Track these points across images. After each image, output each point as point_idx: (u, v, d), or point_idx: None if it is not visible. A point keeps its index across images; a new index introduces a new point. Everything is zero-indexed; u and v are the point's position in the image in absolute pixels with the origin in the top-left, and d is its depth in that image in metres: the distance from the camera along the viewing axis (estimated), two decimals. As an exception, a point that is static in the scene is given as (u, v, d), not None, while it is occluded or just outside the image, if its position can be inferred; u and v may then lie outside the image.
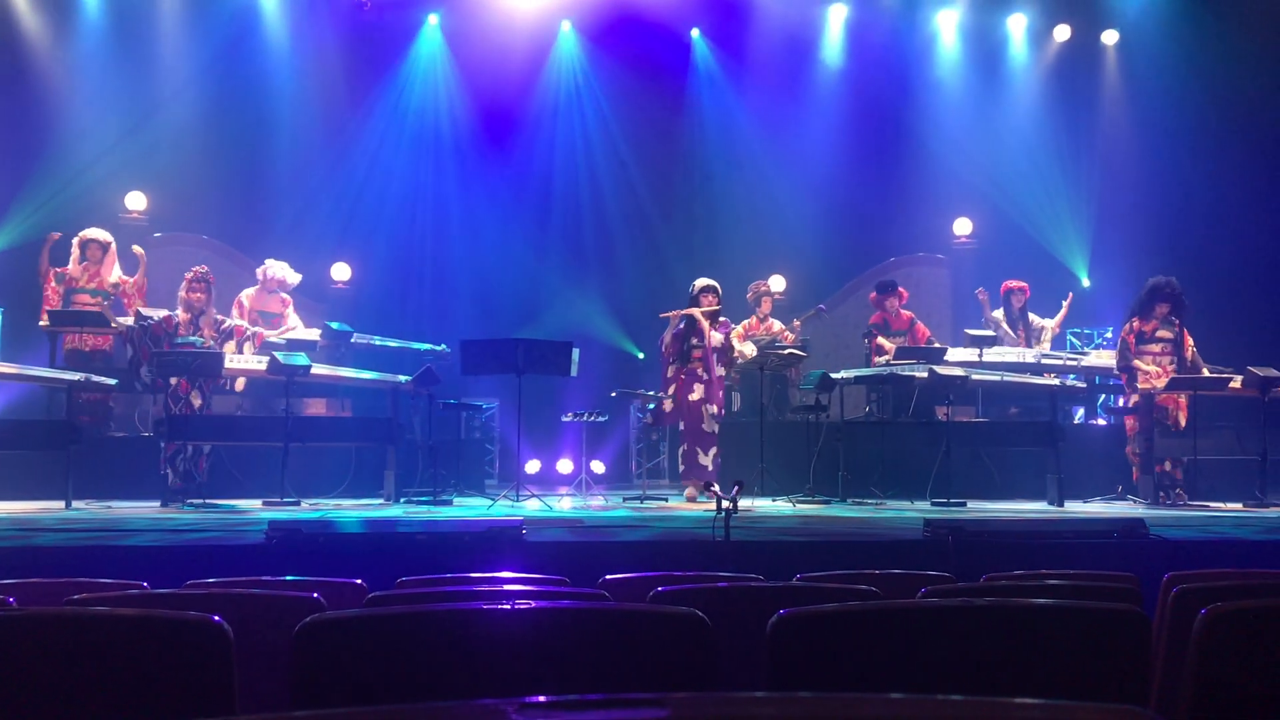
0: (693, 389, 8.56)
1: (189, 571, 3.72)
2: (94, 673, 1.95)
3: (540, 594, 2.97)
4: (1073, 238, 13.02)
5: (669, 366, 8.70)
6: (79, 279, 9.35)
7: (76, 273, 9.35)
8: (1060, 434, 8.65)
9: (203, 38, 11.83)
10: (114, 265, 9.48)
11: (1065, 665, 1.99)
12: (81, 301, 9.29)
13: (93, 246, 9.35)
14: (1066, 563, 4.64)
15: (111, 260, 9.46)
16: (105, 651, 1.96)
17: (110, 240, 9.48)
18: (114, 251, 9.49)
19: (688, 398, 8.55)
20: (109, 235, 9.51)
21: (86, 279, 9.36)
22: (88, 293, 9.33)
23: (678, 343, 8.63)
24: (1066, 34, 13.20)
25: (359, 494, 8.70)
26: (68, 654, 1.95)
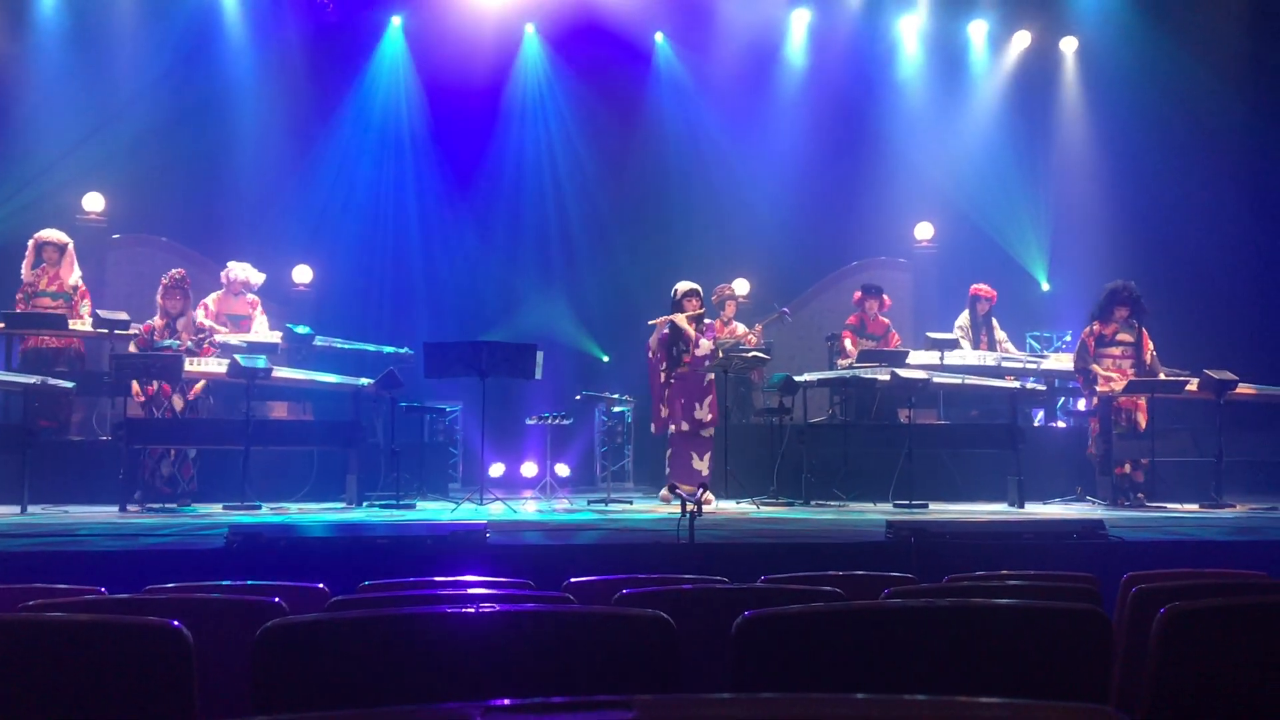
0: (683, 394, 8.55)
1: (148, 576, 3.67)
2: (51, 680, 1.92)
3: (504, 597, 2.96)
4: (1032, 242, 13.17)
5: (659, 373, 8.67)
6: (37, 282, 9.18)
7: (32, 277, 9.18)
8: (1020, 436, 8.74)
9: (163, 39, 11.68)
10: (73, 267, 9.32)
11: (1027, 664, 2.01)
12: (42, 305, 9.11)
13: (49, 249, 9.20)
14: (1027, 563, 4.69)
15: (70, 262, 9.31)
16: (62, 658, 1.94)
17: (68, 241, 9.32)
18: (71, 253, 9.33)
19: (679, 402, 8.54)
20: (66, 237, 9.35)
21: (45, 282, 9.20)
22: (48, 295, 9.17)
23: (665, 349, 8.62)
24: (1027, 40, 13.35)
25: (321, 498, 8.64)
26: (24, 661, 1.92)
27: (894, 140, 12.99)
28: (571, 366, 11.71)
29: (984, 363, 9.85)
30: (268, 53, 12.10)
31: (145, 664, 1.95)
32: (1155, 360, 8.99)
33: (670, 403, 8.60)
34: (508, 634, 1.97)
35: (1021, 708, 1.25)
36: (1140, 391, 8.77)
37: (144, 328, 8.15)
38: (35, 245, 9.19)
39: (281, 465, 8.92)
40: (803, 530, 6.48)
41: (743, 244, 12.39)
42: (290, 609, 2.57)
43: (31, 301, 9.11)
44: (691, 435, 8.54)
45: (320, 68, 12.32)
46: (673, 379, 8.61)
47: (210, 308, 9.47)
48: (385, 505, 8.10)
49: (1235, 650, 2.06)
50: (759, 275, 12.18)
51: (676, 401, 8.56)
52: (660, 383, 8.67)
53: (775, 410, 9.06)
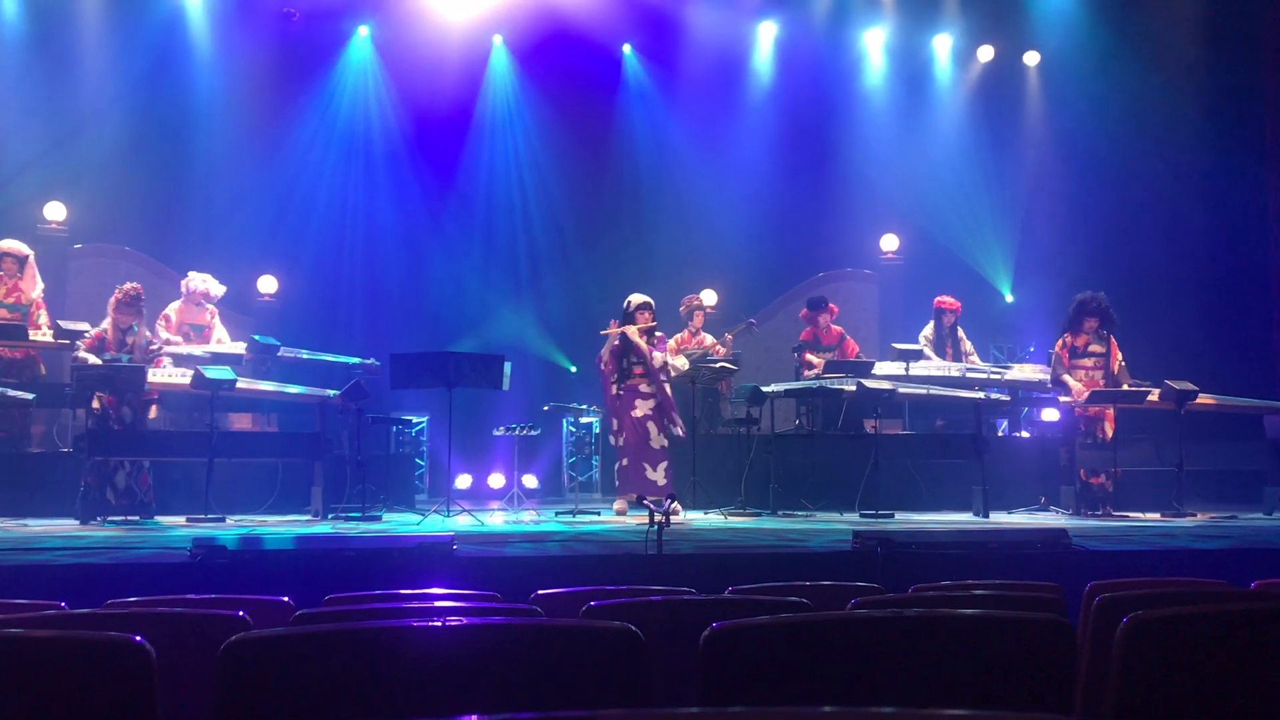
0: (634, 405, 8.52)
1: (109, 591, 3.62)
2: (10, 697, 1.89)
3: (471, 610, 2.95)
4: (997, 254, 13.29)
5: (610, 384, 8.65)
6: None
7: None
8: (985, 446, 8.81)
9: (129, 48, 11.59)
10: (35, 280, 9.18)
11: (992, 674, 2.02)
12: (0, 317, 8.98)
13: (8, 260, 9.05)
14: (992, 573, 4.72)
15: (32, 274, 9.16)
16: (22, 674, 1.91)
17: (28, 253, 9.19)
18: (33, 264, 9.19)
19: (631, 414, 8.51)
20: (26, 248, 9.21)
21: (4, 293, 9.06)
22: (5, 307, 9.02)
23: (615, 360, 8.60)
24: (990, 54, 13.50)
25: (286, 510, 8.56)
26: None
27: (860, 152, 13.08)
28: (539, 377, 11.69)
29: (949, 373, 9.92)
30: (233, 63, 12.02)
31: (107, 680, 1.92)
32: (1123, 371, 9.08)
33: (621, 415, 8.56)
34: (475, 648, 1.96)
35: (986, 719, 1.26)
36: (1103, 402, 8.86)
37: (95, 333, 8.04)
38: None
39: (246, 477, 8.83)
40: (770, 541, 6.49)
41: (710, 255, 12.43)
42: (255, 623, 2.54)
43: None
44: (643, 446, 8.47)
45: (286, 78, 12.24)
46: (622, 391, 8.58)
47: (172, 318, 9.37)
48: (351, 517, 8.03)
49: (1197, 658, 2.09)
50: (726, 286, 12.22)
51: (628, 413, 8.51)
52: (611, 394, 8.64)
53: (743, 421, 9.09)
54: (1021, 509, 9.13)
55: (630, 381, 8.55)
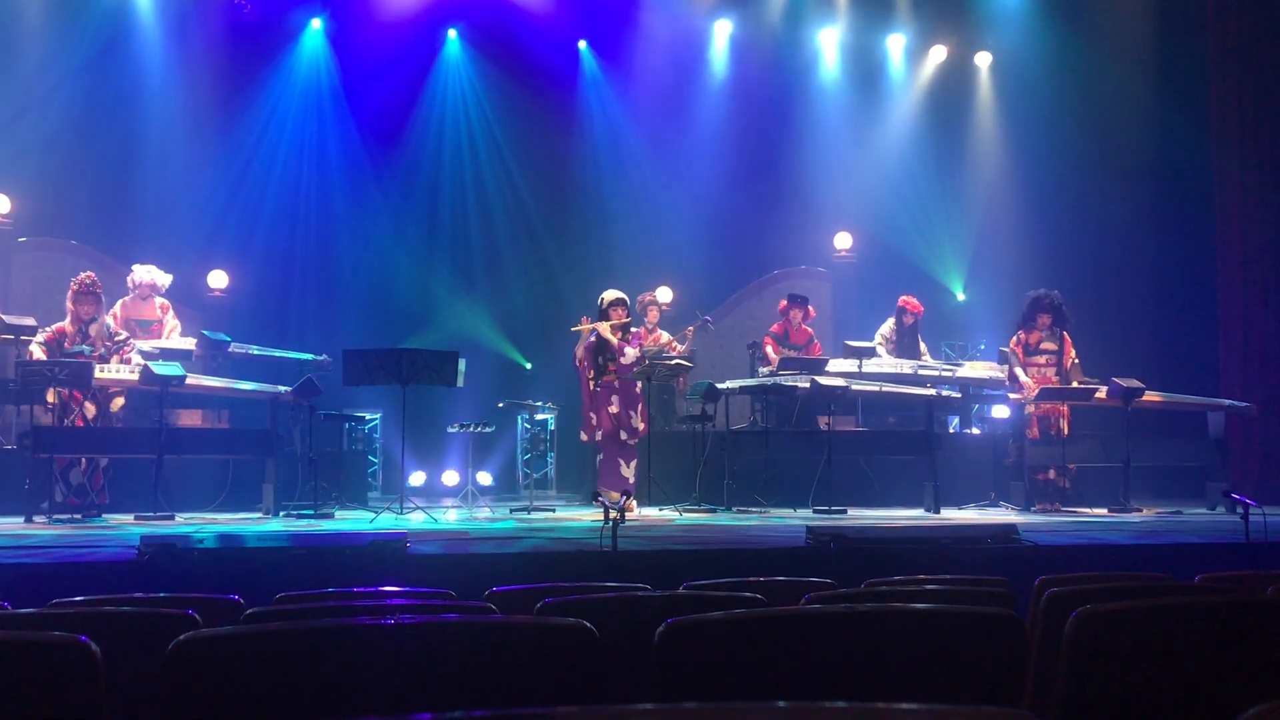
0: (610, 401, 8.53)
1: (54, 590, 3.56)
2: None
3: (424, 608, 2.93)
4: (949, 252, 13.42)
5: (588, 381, 8.64)
6: None
7: None
8: (936, 443, 8.89)
9: (73, 37, 11.36)
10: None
11: (943, 668, 2.04)
12: None
13: None
14: (943, 568, 4.77)
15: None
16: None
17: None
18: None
19: (607, 410, 8.51)
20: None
21: None
22: None
23: (591, 356, 8.59)
24: (943, 55, 13.62)
25: (236, 507, 8.46)
26: (-79, 679, 1.85)
27: (814, 150, 13.15)
28: (494, 374, 11.63)
29: (901, 370, 10.00)
30: (183, 51, 11.83)
31: (51, 681, 1.89)
32: (1075, 368, 9.21)
33: (598, 410, 8.58)
34: (428, 645, 1.95)
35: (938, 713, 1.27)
36: (1052, 399, 8.98)
37: (55, 329, 7.89)
38: None
39: (196, 474, 8.71)
40: (725, 536, 6.51)
41: (665, 252, 12.44)
42: (204, 622, 2.51)
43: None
44: (620, 443, 8.53)
45: (237, 68, 12.07)
46: (598, 387, 8.59)
47: (118, 314, 9.19)
48: (303, 515, 7.96)
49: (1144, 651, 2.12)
50: (682, 283, 12.23)
51: (604, 409, 8.54)
52: (589, 391, 8.66)
53: (697, 417, 9.11)
54: (972, 505, 9.23)
55: (606, 378, 8.56)
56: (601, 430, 8.55)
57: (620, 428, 8.48)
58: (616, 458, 8.53)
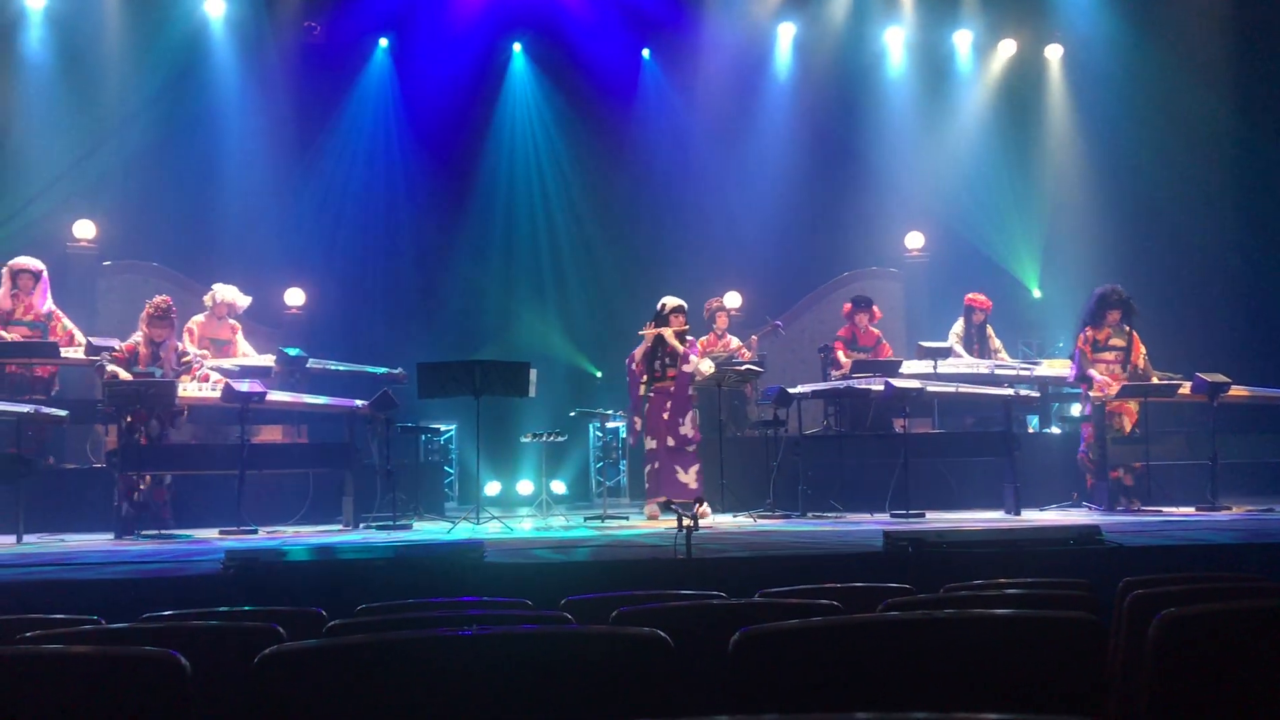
0: (664, 407, 8.55)
1: (144, 604, 3.65)
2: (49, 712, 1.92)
3: (502, 618, 2.96)
4: (1023, 249, 13.21)
5: (639, 385, 8.67)
6: (13, 311, 9.07)
7: (9, 305, 9.04)
8: (1015, 443, 8.75)
9: (151, 64, 11.70)
10: (46, 294, 9.21)
11: (1022, 674, 2.01)
12: (19, 334, 9.00)
13: (24, 276, 9.06)
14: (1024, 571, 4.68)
15: (43, 289, 9.19)
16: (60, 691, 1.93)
17: (41, 268, 9.18)
18: (45, 279, 9.23)
19: (661, 416, 8.53)
20: (39, 264, 9.21)
21: (21, 310, 9.11)
22: (25, 325, 9.07)
23: (646, 361, 8.62)
24: (1012, 49, 13.42)
25: (317, 520, 8.62)
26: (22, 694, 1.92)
27: (883, 150, 13.05)
28: (565, 383, 11.71)
29: (978, 370, 9.86)
30: (255, 76, 12.12)
31: (143, 694, 1.94)
32: (1147, 364, 9.01)
33: (650, 415, 8.58)
34: (506, 656, 1.97)
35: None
36: (1134, 396, 8.79)
37: (125, 347, 8.09)
38: (10, 273, 9.04)
39: (277, 489, 8.89)
40: (800, 543, 6.47)
41: (734, 257, 12.42)
42: (288, 634, 2.56)
43: (7, 329, 9.02)
44: (676, 450, 8.53)
45: (308, 90, 12.34)
46: (651, 393, 8.60)
47: (194, 331, 9.42)
48: (382, 527, 8.08)
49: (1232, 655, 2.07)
50: (751, 288, 12.20)
51: (658, 415, 8.54)
52: (639, 395, 8.67)
53: (769, 423, 9.06)
54: (1054, 505, 9.06)
55: (660, 384, 8.57)
56: (653, 437, 8.56)
57: (669, 434, 8.48)
58: (673, 465, 8.52)
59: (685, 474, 8.49)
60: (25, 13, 11.41)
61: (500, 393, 8.38)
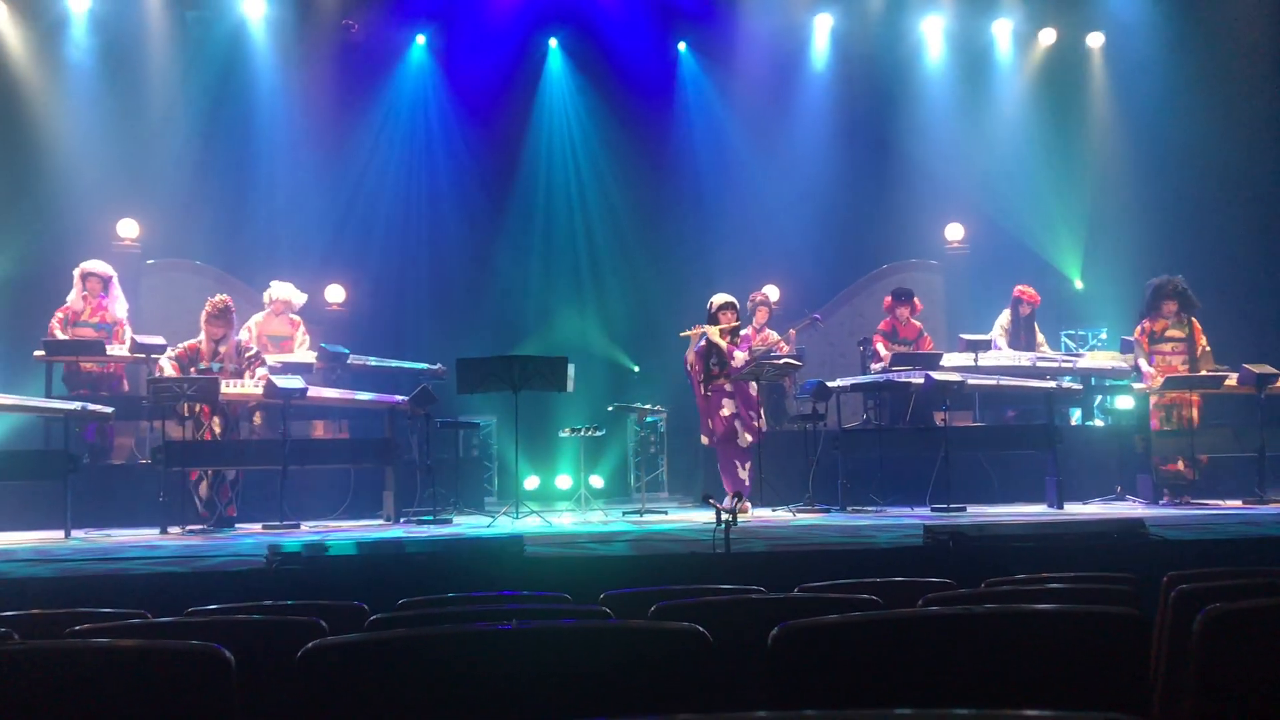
0: (722, 405, 8.56)
1: (190, 598, 3.71)
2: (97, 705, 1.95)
3: (541, 612, 2.98)
4: (1065, 240, 13.06)
5: (699, 385, 8.69)
6: (82, 312, 9.26)
7: (79, 306, 9.25)
8: (1058, 436, 8.66)
9: (192, 64, 11.83)
10: (119, 299, 9.39)
11: (1065, 671, 1.99)
12: (84, 335, 9.14)
13: (92, 280, 9.26)
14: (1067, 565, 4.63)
15: (115, 294, 9.38)
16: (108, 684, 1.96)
17: (111, 274, 9.37)
18: (116, 284, 9.41)
19: (719, 414, 8.55)
20: (109, 268, 9.40)
21: (89, 313, 9.28)
22: (90, 326, 9.23)
23: (702, 361, 8.64)
24: (1052, 38, 13.26)
25: (358, 515, 8.69)
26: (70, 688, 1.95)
27: (922, 141, 12.94)
28: (603, 378, 11.72)
29: (1019, 363, 9.77)
30: (294, 75, 12.22)
31: (189, 687, 1.97)
32: (1207, 355, 8.89)
33: (711, 414, 8.60)
34: (545, 650, 1.98)
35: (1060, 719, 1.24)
36: (1178, 388, 8.68)
37: (187, 346, 8.19)
38: (80, 275, 9.27)
39: (319, 484, 8.99)
40: (839, 537, 6.45)
41: (772, 250, 12.37)
42: (330, 628, 2.59)
43: (71, 329, 9.19)
44: (732, 443, 8.54)
45: (347, 88, 12.42)
46: (709, 391, 8.62)
47: (254, 330, 9.56)
48: (422, 521, 8.15)
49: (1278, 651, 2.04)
50: (789, 281, 12.15)
51: (717, 413, 8.56)
52: (701, 394, 8.70)
53: (809, 416, 9.04)
54: (1097, 499, 8.97)
55: (716, 382, 8.58)
56: (716, 434, 8.58)
57: (745, 429, 8.49)
58: (733, 460, 8.54)
59: (743, 470, 8.52)
60: (69, 16, 11.57)
61: (538, 387, 8.41)
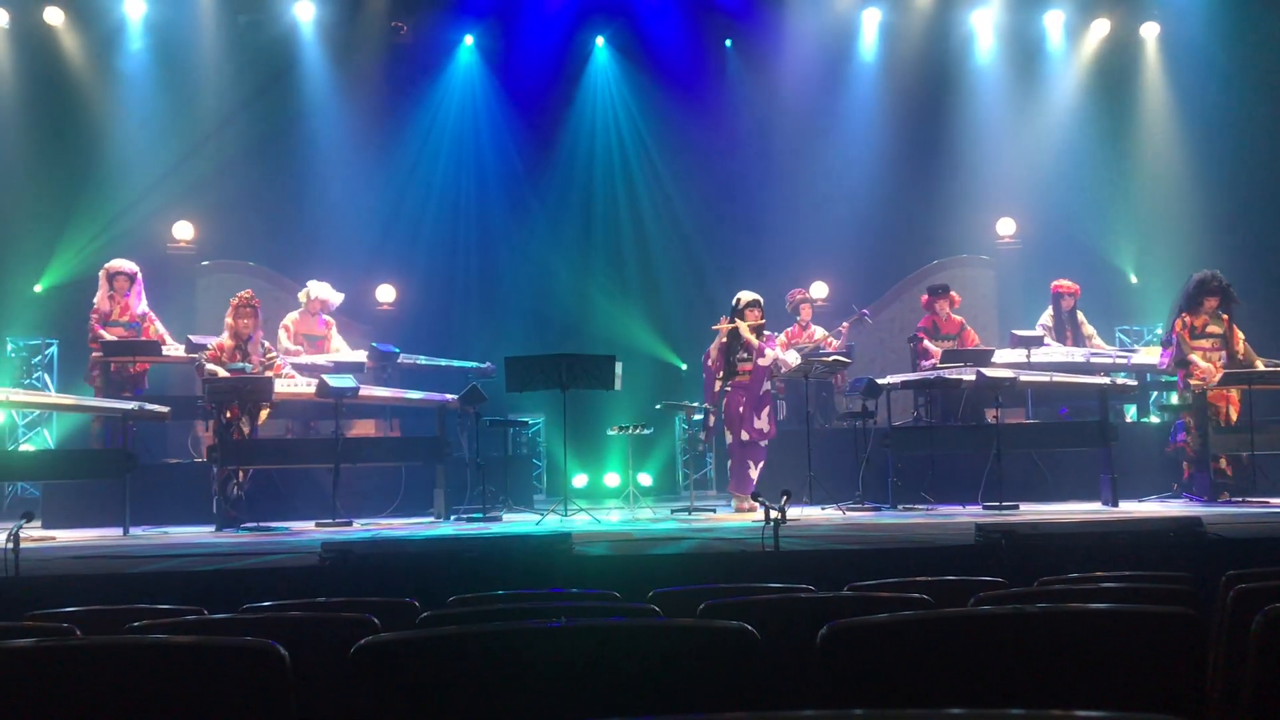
0: (740, 402, 8.54)
1: (245, 595, 3.76)
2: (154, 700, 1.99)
3: (590, 609, 2.99)
4: (1120, 234, 12.86)
5: (715, 380, 8.67)
6: (111, 312, 9.38)
7: (107, 306, 9.34)
8: (1112, 433, 8.54)
9: (244, 68, 12.01)
10: (141, 296, 9.48)
11: (1119, 671, 1.96)
12: (115, 334, 9.27)
13: (120, 278, 9.34)
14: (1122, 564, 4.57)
15: (139, 291, 9.46)
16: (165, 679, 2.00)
17: (136, 270, 9.47)
18: (140, 281, 9.51)
19: (737, 410, 8.52)
20: (134, 266, 9.50)
21: (118, 312, 9.40)
22: (121, 325, 9.36)
23: (723, 356, 8.61)
24: (1106, 28, 13.05)
25: (410, 513, 8.77)
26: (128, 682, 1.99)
27: (972, 136, 12.81)
28: (651, 376, 11.73)
29: (1072, 359, 9.64)
30: (344, 77, 12.37)
31: (245, 684, 2.00)
32: (1249, 350, 8.72)
33: (728, 410, 8.57)
34: (594, 648, 1.98)
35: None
36: (1238, 383, 8.52)
37: (216, 346, 8.30)
38: (107, 275, 9.33)
39: (370, 482, 9.09)
40: (890, 535, 6.40)
41: (820, 246, 12.30)
42: (382, 625, 2.62)
43: (106, 329, 9.32)
44: (749, 444, 8.51)
45: (396, 89, 12.57)
46: (729, 387, 8.58)
47: (290, 328, 9.65)
48: (472, 518, 8.20)
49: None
50: (837, 278, 12.09)
51: (734, 409, 8.52)
52: (715, 391, 8.66)
53: (858, 414, 8.98)
54: (1153, 497, 8.83)
55: (737, 379, 8.55)
56: (730, 431, 8.55)
57: (743, 428, 8.46)
58: (745, 459, 8.50)
59: (754, 469, 8.48)
60: (125, 22, 11.79)
61: (586, 386, 8.44)
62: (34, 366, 10.85)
